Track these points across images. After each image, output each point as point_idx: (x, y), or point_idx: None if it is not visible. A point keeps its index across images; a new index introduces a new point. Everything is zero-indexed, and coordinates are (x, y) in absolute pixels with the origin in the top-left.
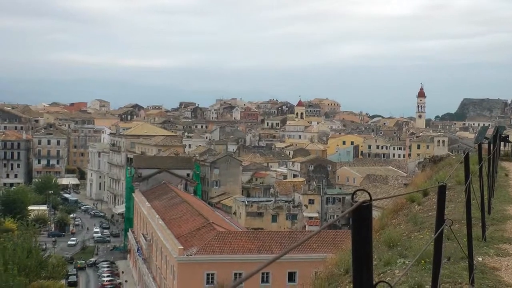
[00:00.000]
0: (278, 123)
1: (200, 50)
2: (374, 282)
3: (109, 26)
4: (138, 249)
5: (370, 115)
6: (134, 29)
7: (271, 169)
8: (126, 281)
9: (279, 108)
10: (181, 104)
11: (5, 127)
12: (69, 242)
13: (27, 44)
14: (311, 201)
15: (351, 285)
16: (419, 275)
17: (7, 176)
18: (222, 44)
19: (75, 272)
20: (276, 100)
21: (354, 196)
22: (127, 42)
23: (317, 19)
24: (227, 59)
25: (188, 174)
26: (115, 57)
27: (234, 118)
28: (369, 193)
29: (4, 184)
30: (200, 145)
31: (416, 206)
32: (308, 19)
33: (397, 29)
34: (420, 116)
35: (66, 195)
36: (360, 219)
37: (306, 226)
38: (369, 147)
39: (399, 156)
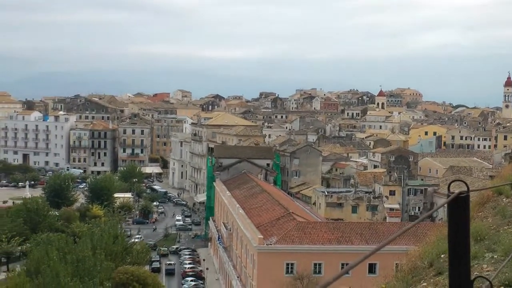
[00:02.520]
0: (358, 113)
1: (281, 41)
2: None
3: (193, 17)
4: (218, 238)
5: (454, 105)
6: (217, 20)
7: (351, 159)
8: (207, 268)
9: (360, 98)
10: (261, 94)
11: (92, 117)
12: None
13: (112, 36)
14: (392, 192)
15: (437, 278)
16: (509, 270)
17: (95, 164)
18: (303, 34)
19: (158, 259)
20: (357, 90)
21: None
22: (209, 33)
23: (398, 8)
24: (307, 49)
25: (268, 164)
26: (198, 48)
27: (314, 108)
28: (466, 184)
29: (92, 172)
30: (280, 135)
31: (504, 199)
32: (390, 9)
33: (479, 18)
34: (507, 106)
35: (156, 187)
36: (457, 210)
37: (387, 218)
38: (453, 137)
39: (484, 147)
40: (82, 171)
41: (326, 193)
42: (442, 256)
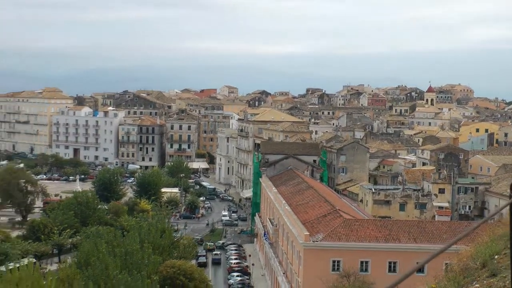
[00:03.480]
0: (406, 110)
1: (328, 36)
2: None
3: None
4: (264, 234)
5: (507, 101)
6: (263, 16)
7: (399, 156)
8: (253, 264)
9: (408, 94)
10: (308, 90)
11: (141, 113)
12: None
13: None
14: (441, 190)
15: (490, 280)
16: None
17: (143, 159)
18: (349, 29)
19: (205, 253)
20: (405, 86)
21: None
22: (256, 29)
23: (448, 2)
24: (355, 44)
25: (314, 161)
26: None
27: (362, 104)
28: None
29: (140, 167)
30: (326, 131)
31: None
32: (440, 3)
33: None
34: None
35: (204, 183)
36: None
37: (436, 216)
38: (506, 135)
39: None
40: (138, 166)
41: (374, 190)
42: (496, 257)
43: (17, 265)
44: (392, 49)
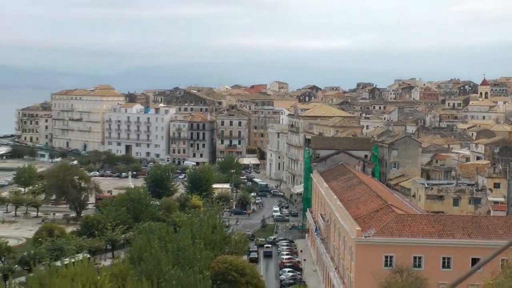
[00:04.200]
0: (460, 103)
1: (378, 30)
2: None
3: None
4: (316, 229)
5: None
6: (313, 11)
7: (452, 151)
8: (304, 259)
9: (461, 88)
10: (358, 85)
11: (191, 109)
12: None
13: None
14: (497, 185)
15: None
16: None
17: (194, 155)
18: (400, 23)
19: (256, 249)
20: (458, 79)
21: None
22: (306, 24)
23: None
24: (406, 38)
25: (366, 155)
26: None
27: (413, 98)
28: None
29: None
30: (378, 126)
31: None
32: None
33: None
34: None
35: (256, 179)
36: None
37: (491, 211)
38: None
39: None
40: (194, 163)
41: (426, 185)
42: None
43: (72, 260)
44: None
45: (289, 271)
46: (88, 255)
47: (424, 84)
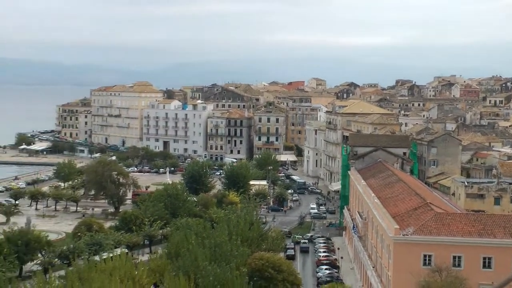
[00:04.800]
0: (501, 101)
1: (418, 26)
2: None
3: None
4: (353, 227)
5: None
6: (352, 7)
7: (493, 149)
8: (342, 257)
9: (503, 85)
10: (397, 81)
11: (229, 106)
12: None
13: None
14: None
15: None
16: None
17: (231, 152)
18: (441, 18)
19: (293, 246)
20: (500, 76)
21: None
22: (344, 20)
23: None
24: (445, 34)
25: (404, 153)
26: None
27: (453, 95)
28: None
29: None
30: (417, 123)
31: None
32: None
33: None
34: None
35: (294, 177)
36: None
37: None
38: None
39: None
40: (234, 160)
41: (466, 183)
42: None
43: (111, 255)
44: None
45: (326, 269)
46: (126, 250)
47: (464, 81)
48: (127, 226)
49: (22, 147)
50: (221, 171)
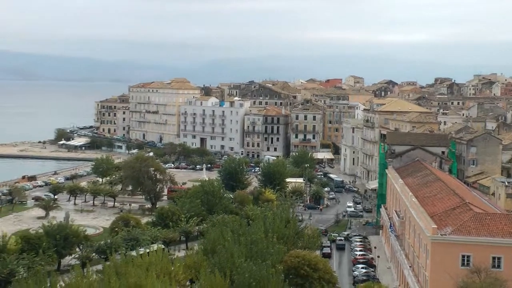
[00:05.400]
0: None
1: (457, 23)
2: None
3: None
4: (390, 226)
5: None
6: (390, 5)
7: None
8: (378, 256)
9: None
10: (436, 80)
11: (266, 103)
12: None
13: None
14: None
15: None
16: None
17: (268, 149)
18: (479, 16)
19: (329, 244)
20: None
21: None
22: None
23: None
24: (486, 32)
25: (443, 152)
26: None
27: (494, 94)
28: None
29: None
30: (456, 122)
31: None
32: None
33: None
34: None
35: (331, 175)
36: None
37: None
38: None
39: None
40: (274, 157)
41: (507, 183)
42: None
43: (147, 250)
44: None
45: (362, 268)
46: (163, 246)
47: (505, 80)
48: (163, 222)
49: (61, 142)
50: (258, 168)
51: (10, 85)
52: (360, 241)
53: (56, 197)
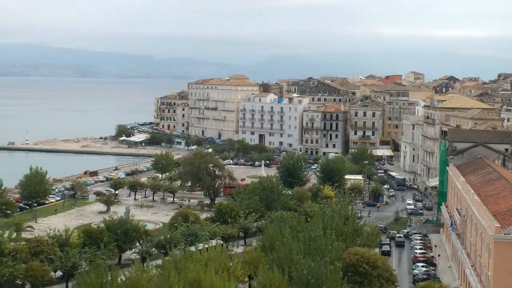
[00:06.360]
0: None
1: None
2: None
3: None
4: (451, 224)
5: None
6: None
7: None
8: (439, 255)
9: None
10: (499, 75)
11: (324, 99)
12: None
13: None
14: None
15: None
16: None
17: (326, 146)
18: None
19: (388, 242)
20: None
21: None
22: (444, 12)
23: None
24: None
25: (506, 149)
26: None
27: None
28: None
29: (324, 153)
30: None
31: None
32: None
33: None
34: None
35: (393, 173)
36: None
37: None
38: None
39: None
40: (335, 154)
41: None
42: None
43: (206, 246)
44: None
45: (422, 266)
46: (221, 242)
47: None
48: (222, 218)
49: (122, 138)
50: (316, 165)
51: (72, 82)
52: (420, 239)
53: (116, 192)
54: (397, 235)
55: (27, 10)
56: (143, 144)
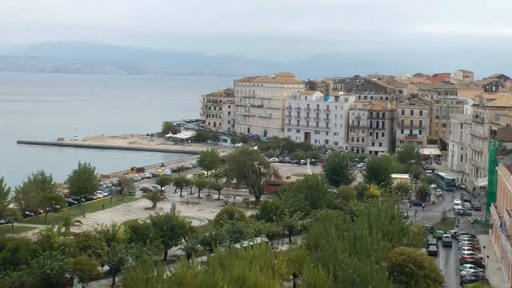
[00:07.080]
0: None
1: None
2: None
3: None
4: (501, 225)
5: None
6: None
7: None
8: (487, 256)
9: None
10: None
11: (371, 98)
12: None
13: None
14: None
15: None
16: None
17: (373, 144)
18: None
19: (435, 242)
20: None
21: None
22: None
23: None
24: None
25: None
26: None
27: None
28: None
29: (370, 152)
30: None
31: None
32: None
33: None
34: None
35: (441, 173)
36: None
37: None
38: None
39: None
40: (383, 150)
41: None
42: None
43: (251, 243)
44: None
45: (470, 267)
46: (266, 239)
47: None
48: (267, 216)
49: (168, 135)
50: (362, 163)
51: (120, 79)
52: (468, 240)
53: (163, 188)
54: (444, 235)
55: (83, 8)
56: (189, 141)
